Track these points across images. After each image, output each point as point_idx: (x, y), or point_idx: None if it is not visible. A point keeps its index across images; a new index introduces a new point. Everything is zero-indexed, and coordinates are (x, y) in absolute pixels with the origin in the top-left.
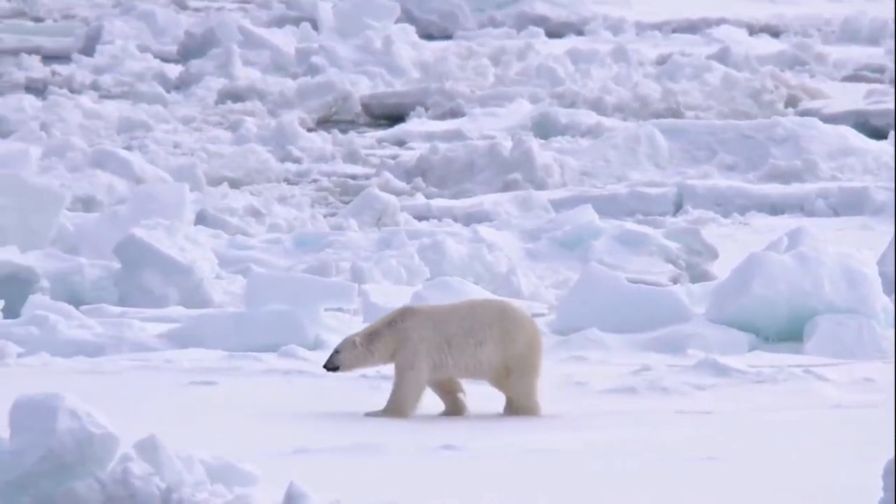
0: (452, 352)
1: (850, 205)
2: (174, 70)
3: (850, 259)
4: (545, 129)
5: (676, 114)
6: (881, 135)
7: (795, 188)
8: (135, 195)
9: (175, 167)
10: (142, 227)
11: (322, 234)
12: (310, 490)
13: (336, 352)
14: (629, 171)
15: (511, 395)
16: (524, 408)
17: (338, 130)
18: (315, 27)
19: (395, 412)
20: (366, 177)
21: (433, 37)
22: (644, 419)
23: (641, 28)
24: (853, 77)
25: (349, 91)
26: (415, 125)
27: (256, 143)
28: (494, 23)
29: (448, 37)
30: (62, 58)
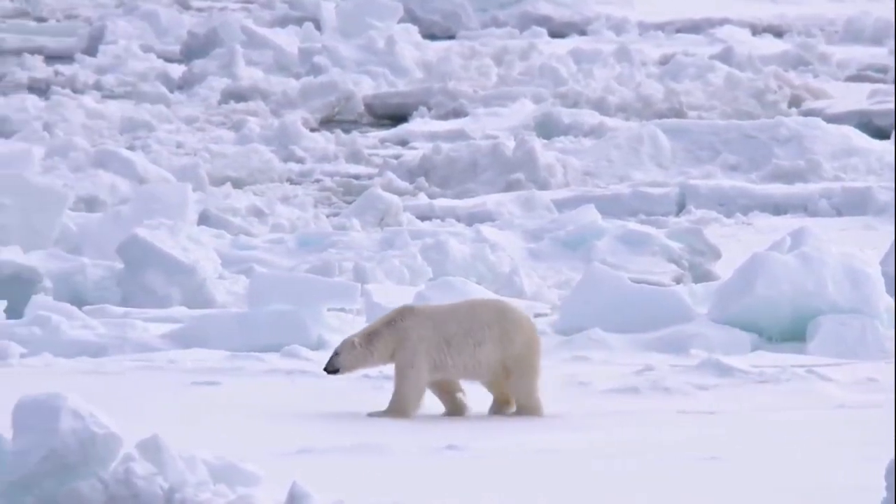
0: (451, 352)
1: (854, 205)
2: (177, 70)
3: (854, 259)
4: (548, 129)
5: (679, 114)
6: (884, 135)
7: (798, 188)
8: (138, 195)
9: (178, 167)
10: (145, 228)
11: (325, 234)
12: (312, 490)
13: (336, 354)
14: (632, 171)
15: (513, 396)
16: (527, 408)
17: (341, 130)
18: (318, 27)
19: (397, 412)
20: (369, 177)
21: (436, 37)
22: (647, 419)
23: (644, 28)
24: (856, 77)
25: (352, 91)
26: (418, 125)
27: (259, 143)
28: (497, 23)
29: (451, 37)
30: (65, 58)
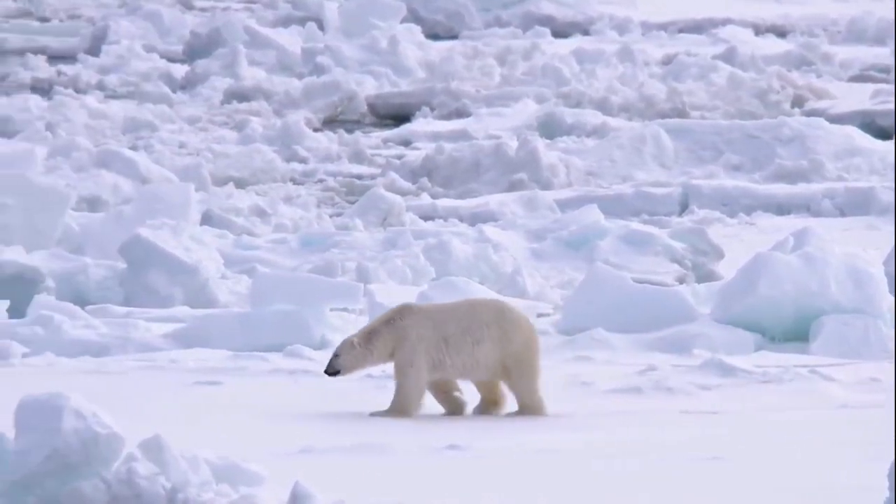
0: (450, 350)
1: (857, 205)
2: (180, 70)
3: (857, 259)
4: (551, 129)
5: (682, 114)
6: (887, 135)
7: (801, 188)
8: (140, 195)
9: (180, 167)
10: (147, 227)
11: (328, 234)
12: (315, 490)
13: (335, 355)
14: (635, 171)
15: (514, 396)
16: (529, 407)
17: (343, 130)
18: (321, 27)
19: (399, 412)
20: (371, 177)
21: (439, 37)
22: (649, 419)
23: (647, 28)
24: (859, 77)
25: (355, 91)
26: (420, 125)
27: (262, 143)
28: (500, 23)
29: (454, 37)
30: (68, 58)
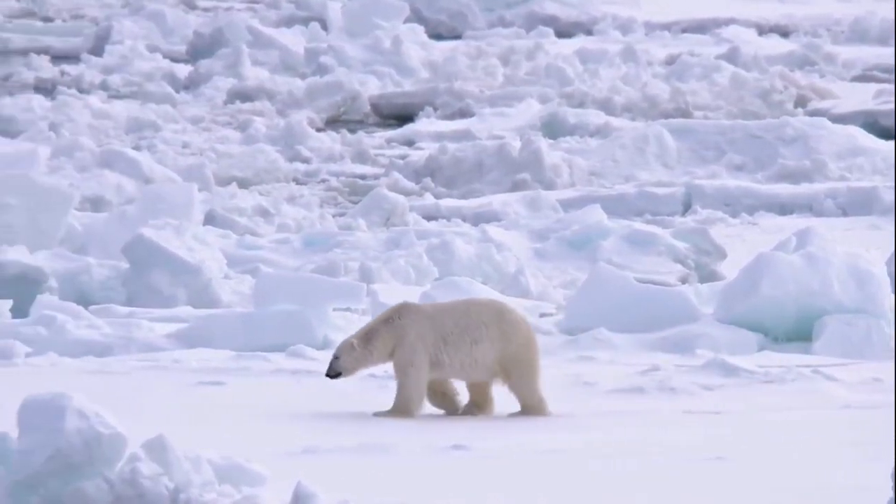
0: (448, 349)
1: (859, 205)
2: (183, 70)
3: (859, 259)
4: (554, 129)
5: (685, 114)
6: (890, 135)
7: (804, 188)
8: (143, 195)
9: (184, 167)
10: (150, 227)
11: (331, 234)
12: (318, 490)
13: (335, 357)
14: (638, 171)
15: (516, 397)
16: (531, 408)
17: (347, 130)
18: (324, 27)
19: (402, 412)
20: (374, 177)
21: (442, 36)
22: (652, 419)
23: (650, 28)
24: (862, 77)
25: (358, 91)
26: (424, 125)
27: (265, 143)
28: (504, 22)
29: (457, 36)
30: (71, 58)
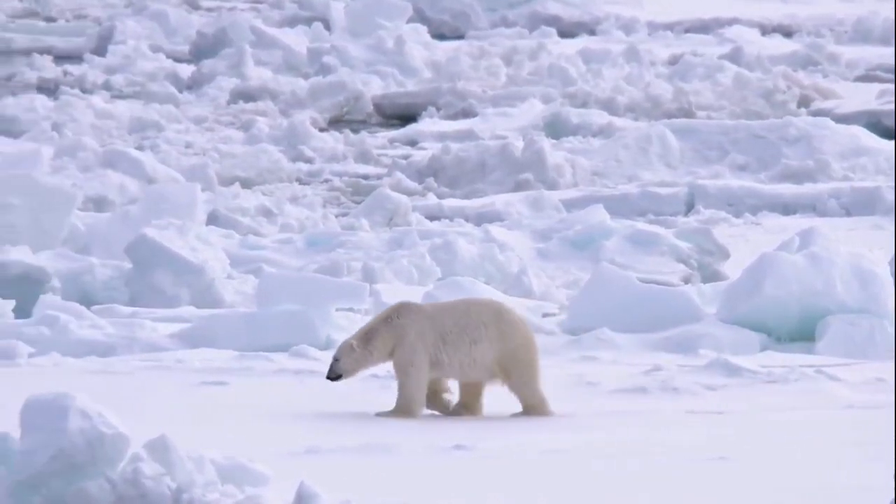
0: (448, 348)
1: (862, 205)
2: (186, 70)
3: (862, 259)
4: (557, 129)
5: (688, 114)
6: (893, 135)
7: (807, 188)
8: (146, 195)
9: (187, 167)
10: (153, 227)
11: (334, 234)
12: (321, 490)
13: (335, 359)
14: (640, 171)
15: (517, 398)
16: (533, 407)
17: (349, 130)
18: (327, 27)
19: (404, 412)
20: (377, 177)
21: (445, 37)
22: (655, 419)
23: (653, 28)
24: (865, 77)
25: (361, 91)
26: (426, 125)
27: (268, 143)
28: (506, 23)
29: (460, 37)
30: (74, 58)
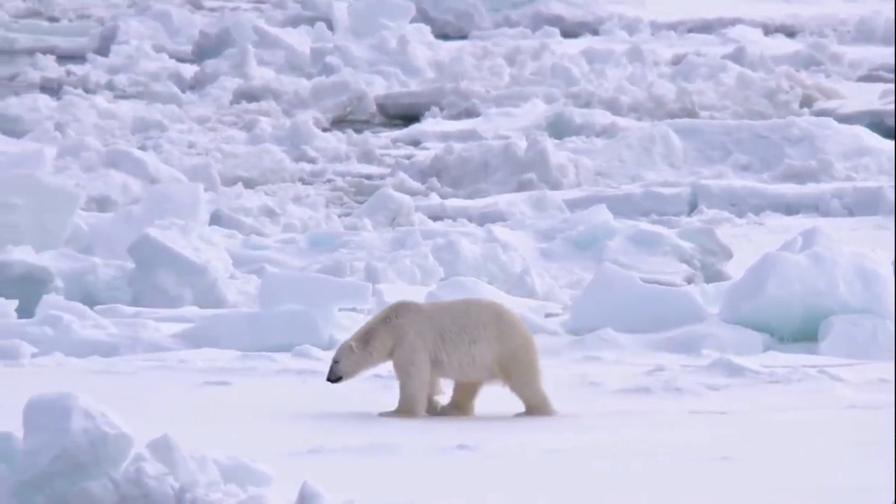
0: (447, 346)
1: (865, 205)
2: (189, 70)
3: (865, 259)
4: (560, 129)
5: (691, 114)
6: (895, 135)
7: (810, 188)
8: (149, 195)
9: (190, 167)
10: (156, 227)
11: (336, 234)
12: (324, 490)
13: (335, 361)
14: (644, 171)
15: (519, 398)
16: (536, 407)
17: (352, 130)
18: (330, 27)
19: (407, 412)
20: (380, 177)
21: (448, 36)
22: (658, 419)
23: (657, 28)
24: (868, 77)
25: (364, 91)
26: (430, 125)
27: (271, 143)
28: (510, 22)
29: (463, 36)
30: (77, 58)
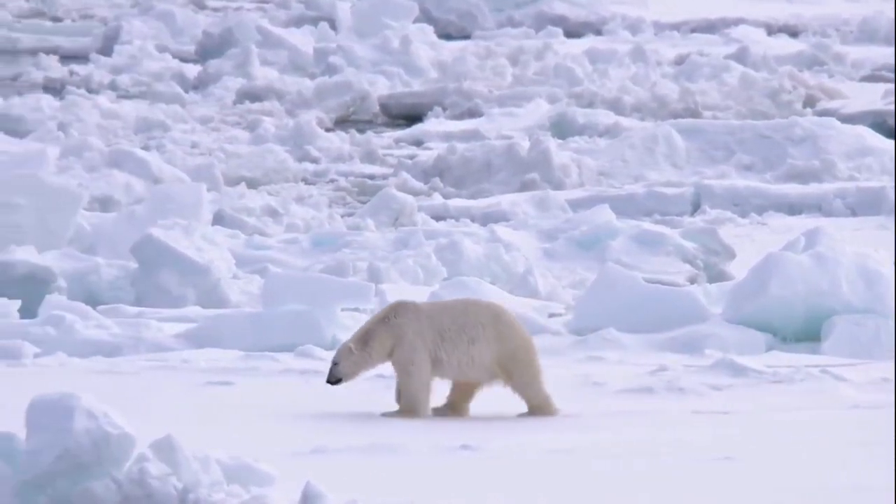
0: (446, 346)
1: (868, 205)
2: (192, 70)
3: (868, 259)
4: (563, 129)
5: (694, 114)
6: None
7: (813, 188)
8: (152, 195)
9: (193, 167)
10: (159, 227)
11: (339, 234)
12: (326, 490)
13: (335, 363)
14: (647, 171)
15: (521, 398)
16: (538, 407)
17: (355, 130)
18: (333, 27)
19: (410, 412)
20: (383, 177)
21: (451, 37)
22: (661, 419)
23: (660, 28)
24: (871, 77)
25: (367, 91)
26: (432, 125)
27: (274, 143)
28: (513, 22)
29: (466, 37)
30: (80, 58)
